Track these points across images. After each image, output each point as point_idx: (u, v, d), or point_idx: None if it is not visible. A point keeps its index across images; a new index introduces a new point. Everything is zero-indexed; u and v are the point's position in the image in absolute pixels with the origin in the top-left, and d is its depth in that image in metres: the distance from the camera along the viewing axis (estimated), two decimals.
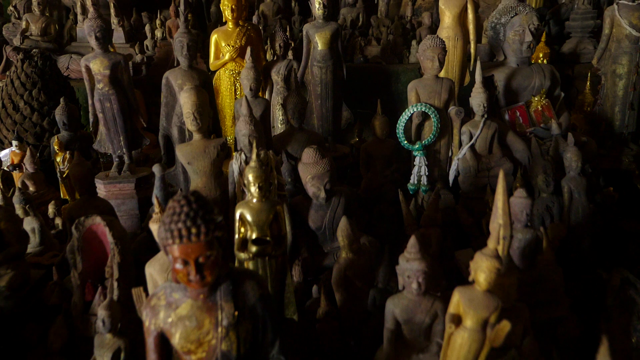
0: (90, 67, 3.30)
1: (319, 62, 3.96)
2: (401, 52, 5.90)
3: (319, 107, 4.08)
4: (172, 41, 3.05)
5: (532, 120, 3.58)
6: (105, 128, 3.41)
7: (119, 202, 3.40)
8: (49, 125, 4.52)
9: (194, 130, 2.87)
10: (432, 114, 3.26)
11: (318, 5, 3.88)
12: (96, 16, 3.23)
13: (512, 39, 3.57)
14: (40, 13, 5.45)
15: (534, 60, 4.30)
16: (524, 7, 3.55)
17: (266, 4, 6.91)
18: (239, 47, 4.41)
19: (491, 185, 3.24)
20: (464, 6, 3.86)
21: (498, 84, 3.64)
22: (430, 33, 6.11)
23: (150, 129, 4.46)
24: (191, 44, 3.01)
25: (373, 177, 3.75)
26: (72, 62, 5.28)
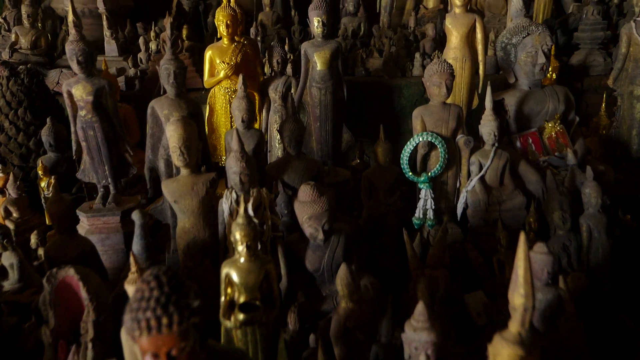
0: (72, 92, 3.04)
1: (317, 83, 3.69)
2: (404, 65, 5.62)
3: (318, 129, 3.81)
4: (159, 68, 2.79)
5: (545, 148, 3.32)
6: (88, 157, 3.15)
7: (104, 236, 3.14)
8: (35, 146, 4.26)
9: (180, 166, 2.62)
10: (439, 144, 3.00)
11: (317, 24, 3.61)
12: (78, 39, 2.97)
13: (523, 60, 3.30)
14: (30, 26, 5.19)
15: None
16: (537, 27, 3.28)
17: (265, 13, 6.63)
18: (234, 65, 4.14)
19: (503, 220, 2.98)
20: (472, 25, 3.58)
21: (509, 108, 3.37)
22: (434, 45, 5.85)
23: (143, 146, 4.22)
24: (178, 72, 2.74)
25: (375, 206, 3.49)
26: (62, 76, 5.01)
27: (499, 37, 3.53)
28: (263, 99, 4.48)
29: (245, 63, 4.25)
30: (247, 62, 4.26)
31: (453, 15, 3.63)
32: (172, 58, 2.75)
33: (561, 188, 3.03)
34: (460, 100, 3.65)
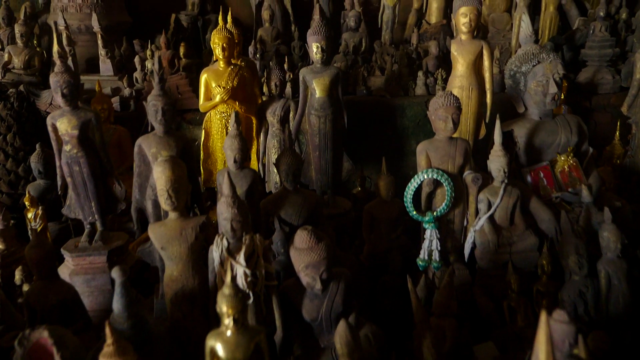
0: (56, 126, 2.84)
1: (317, 111, 3.48)
2: (407, 84, 5.41)
3: (317, 159, 3.60)
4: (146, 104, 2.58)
5: (558, 183, 3.10)
6: (74, 193, 2.95)
7: (89, 277, 2.94)
8: (24, 172, 4.06)
9: (168, 210, 2.41)
10: (445, 182, 2.78)
11: (316, 50, 3.40)
12: (63, 70, 2.76)
13: (534, 89, 3.08)
14: (23, 45, 5.00)
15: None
16: (548, 55, 3.06)
17: (265, 29, 6.44)
18: (230, 89, 3.94)
19: (513, 263, 2.76)
20: (479, 53, 3.36)
21: (518, 140, 3.16)
22: (437, 63, 5.63)
23: None
24: (167, 108, 2.54)
25: (377, 242, 3.27)
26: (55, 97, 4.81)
27: (507, 64, 3.31)
28: (260, 122, 4.28)
29: (242, 87, 4.05)
30: (243, 85, 4.06)
31: (459, 41, 3.41)
32: (160, 94, 2.55)
33: (576, 227, 2.81)
34: (467, 131, 3.44)
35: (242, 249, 2.32)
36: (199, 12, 6.68)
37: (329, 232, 3.10)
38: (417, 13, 6.98)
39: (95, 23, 4.98)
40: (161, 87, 2.55)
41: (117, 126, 4.64)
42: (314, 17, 3.41)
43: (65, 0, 5.89)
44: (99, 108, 4.48)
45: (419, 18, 7.00)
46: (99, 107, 4.48)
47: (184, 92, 5.01)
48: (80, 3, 5.88)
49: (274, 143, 4.20)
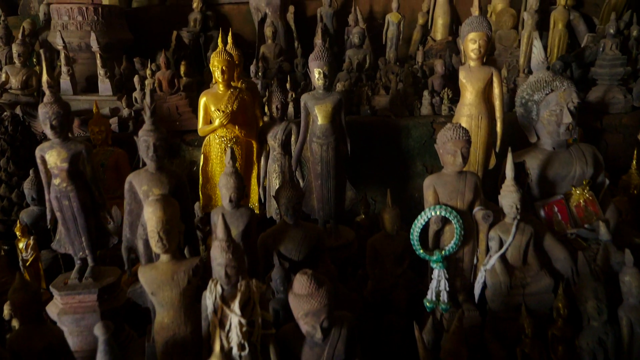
0: (45, 159, 2.70)
1: (318, 138, 3.33)
2: (412, 103, 5.25)
3: (319, 187, 3.44)
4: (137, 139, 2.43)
5: (573, 218, 2.92)
6: (64, 228, 2.80)
7: (79, 316, 2.78)
8: (17, 198, 3.93)
9: (159, 252, 2.26)
10: (454, 219, 2.61)
11: (318, 75, 3.25)
12: (52, 100, 2.63)
13: (547, 119, 2.91)
14: (21, 65, 4.88)
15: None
16: (561, 83, 2.89)
17: (267, 46, 6.31)
18: (230, 113, 3.80)
19: (527, 305, 2.58)
20: (489, 80, 3.20)
21: (530, 172, 2.99)
22: (443, 82, 5.48)
23: None
24: (159, 144, 2.38)
25: (382, 277, 3.11)
26: None
27: (517, 93, 3.14)
28: (261, 146, 4.14)
29: (242, 110, 3.91)
30: (243, 109, 3.92)
31: (467, 68, 3.25)
32: (152, 129, 2.40)
33: (593, 266, 2.63)
34: (476, 161, 3.27)
35: (237, 297, 2.16)
36: (201, 28, 6.56)
37: (330, 268, 2.94)
38: (422, 29, 6.85)
39: (94, 43, 4.86)
40: (153, 121, 2.40)
41: (115, 148, 4.50)
42: (316, 41, 3.26)
43: (65, 18, 5.79)
44: (96, 130, 4.35)
45: (423, 34, 6.87)
46: (96, 129, 4.35)
47: (183, 112, 4.87)
48: (81, 21, 5.78)
49: (275, 167, 4.05)
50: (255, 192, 4.20)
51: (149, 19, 6.73)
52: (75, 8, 5.76)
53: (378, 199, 5.10)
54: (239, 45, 6.78)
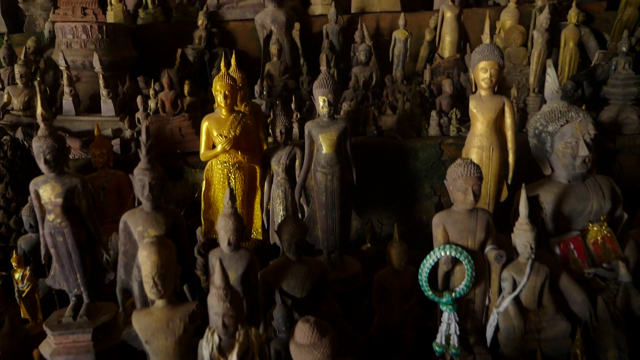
0: (39, 193, 2.60)
1: (323, 168, 3.21)
2: (419, 124, 5.12)
3: (323, 218, 3.31)
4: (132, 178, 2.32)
5: (590, 255, 2.77)
6: (58, 264, 2.69)
7: (72, 357, 2.66)
8: (16, 224, 3.83)
9: (154, 298, 2.14)
10: (465, 260, 2.47)
11: (322, 103, 3.14)
12: (47, 134, 2.53)
13: (562, 151, 2.78)
14: (23, 86, 4.81)
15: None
16: (577, 113, 2.75)
17: (272, 63, 6.21)
18: (232, 138, 3.69)
19: (542, 351, 2.43)
20: (501, 110, 3.06)
21: (545, 206, 2.84)
22: (451, 102, 5.34)
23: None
24: (155, 183, 2.27)
25: (388, 314, 2.96)
26: None
27: (530, 122, 3.00)
28: (265, 171, 4.03)
29: (245, 135, 3.80)
30: (246, 134, 3.81)
31: (478, 98, 3.11)
32: (147, 167, 2.28)
33: (613, 309, 2.48)
34: (487, 194, 3.12)
35: (235, 347, 2.03)
36: (206, 45, 6.49)
37: (334, 308, 2.81)
38: (430, 46, 6.74)
39: (96, 63, 4.78)
40: (149, 159, 2.29)
41: (116, 171, 4.41)
42: (320, 68, 3.14)
43: (69, 36, 5.74)
44: (97, 153, 4.27)
45: (431, 51, 6.76)
46: (97, 152, 4.27)
47: (186, 134, 4.77)
48: (85, 39, 5.72)
49: (278, 193, 3.94)
50: (258, 217, 4.08)
51: (154, 36, 6.67)
52: (79, 26, 5.70)
53: (384, 222, 4.97)
54: (244, 63, 6.76)
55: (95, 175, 4.33)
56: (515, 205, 2.83)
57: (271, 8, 6.34)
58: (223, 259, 2.13)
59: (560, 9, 7.00)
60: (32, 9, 6.77)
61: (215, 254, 2.45)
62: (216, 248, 2.47)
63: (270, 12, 6.33)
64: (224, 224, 2.35)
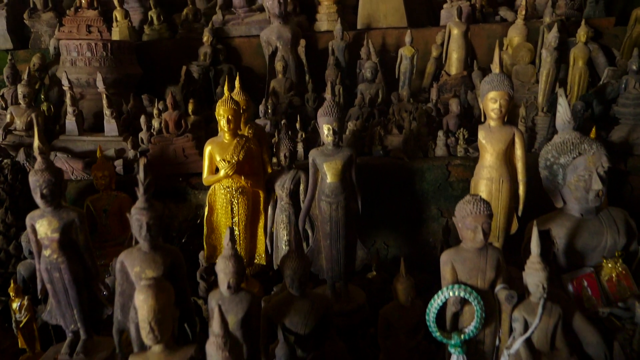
0: (35, 228, 2.52)
1: (327, 197, 3.12)
2: (426, 144, 5.03)
3: (328, 247, 3.22)
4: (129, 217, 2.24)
5: (604, 293, 2.66)
6: (54, 300, 2.62)
7: None
8: (15, 250, 3.77)
9: (150, 344, 2.05)
10: (474, 301, 2.37)
11: (327, 132, 3.06)
12: (43, 168, 2.46)
13: (574, 184, 2.67)
14: (26, 106, 4.77)
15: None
16: (590, 145, 2.65)
17: (278, 80, 6.15)
18: (235, 163, 3.61)
19: None
20: (511, 141, 2.96)
21: (557, 241, 2.74)
22: (458, 121, 5.25)
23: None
24: (152, 223, 2.19)
25: (394, 351, 2.85)
26: (56, 160, 4.55)
27: (542, 154, 2.90)
28: (269, 195, 3.94)
29: (249, 159, 3.73)
30: (250, 158, 3.74)
31: (487, 128, 3.01)
32: (145, 207, 2.20)
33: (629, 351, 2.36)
34: (497, 227, 3.02)
35: None
36: (211, 62, 6.44)
37: (338, 347, 2.71)
38: (436, 62, 6.66)
39: (100, 83, 4.74)
40: (146, 198, 2.21)
41: (119, 193, 4.35)
42: (325, 96, 3.07)
43: (74, 54, 5.71)
44: (100, 175, 4.22)
45: (437, 67, 6.68)
46: (99, 174, 4.22)
47: (190, 154, 4.71)
48: (90, 57, 5.69)
49: (282, 218, 3.85)
50: (261, 242, 4.00)
51: (159, 53, 6.63)
52: (84, 44, 5.67)
53: (390, 244, 4.88)
54: (249, 79, 6.71)
55: (97, 197, 4.28)
56: (526, 239, 2.73)
57: (277, 24, 6.29)
58: (222, 303, 2.05)
59: (568, 24, 6.91)
60: (37, 26, 6.76)
61: (214, 296, 2.36)
62: (215, 289, 2.38)
63: (276, 28, 6.28)
64: (224, 266, 2.26)
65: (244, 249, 3.91)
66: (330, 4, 6.80)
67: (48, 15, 6.73)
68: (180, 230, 4.22)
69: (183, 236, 4.05)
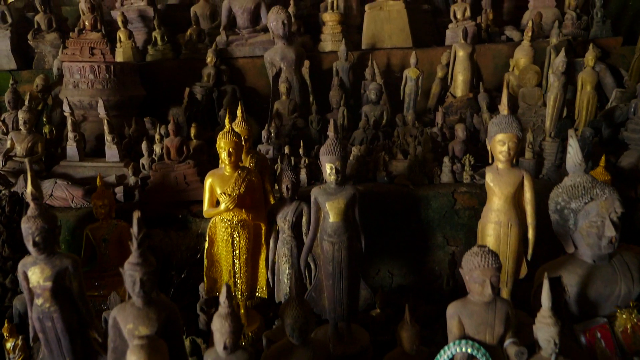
0: (27, 276, 2.44)
1: (330, 237, 3.02)
2: (431, 170, 4.92)
3: (330, 288, 3.11)
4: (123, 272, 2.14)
5: (619, 345, 2.54)
6: (46, 349, 2.52)
7: None
8: (12, 284, 3.68)
9: None
10: (482, 358, 2.26)
11: (329, 170, 2.96)
12: (37, 214, 2.37)
13: (586, 231, 2.56)
14: (27, 132, 4.71)
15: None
16: (602, 190, 2.54)
17: (281, 102, 6.07)
18: (236, 196, 3.52)
19: None
20: (520, 184, 2.85)
21: (568, 289, 2.62)
22: (464, 147, 5.13)
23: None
24: (146, 279, 2.09)
25: None
26: (56, 188, 4.48)
27: (552, 196, 2.78)
28: (270, 227, 3.85)
29: (250, 192, 3.63)
30: (251, 191, 3.64)
31: (495, 170, 2.90)
32: (139, 262, 2.10)
33: None
34: (505, 272, 2.91)
35: None
36: (215, 83, 6.38)
37: None
38: (441, 82, 6.58)
39: (101, 109, 4.67)
40: (140, 253, 2.11)
41: (119, 221, 4.26)
42: (328, 133, 2.98)
43: (77, 76, 5.67)
44: (100, 204, 4.13)
45: (443, 87, 6.59)
46: (99, 202, 4.13)
47: (191, 182, 4.63)
48: (92, 79, 5.65)
49: (284, 251, 3.75)
50: (263, 275, 3.90)
51: (162, 73, 6.58)
52: (87, 66, 5.63)
53: (395, 272, 4.77)
54: (253, 99, 6.65)
55: (97, 225, 4.20)
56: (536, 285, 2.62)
57: (281, 45, 6.22)
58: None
59: (575, 44, 6.82)
60: (41, 46, 6.73)
61: (210, 356, 2.26)
62: (211, 348, 2.28)
63: (280, 49, 6.21)
64: (220, 325, 2.15)
65: (245, 282, 3.81)
66: (334, 24, 6.74)
67: (52, 36, 6.70)
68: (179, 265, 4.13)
69: (183, 271, 3.96)
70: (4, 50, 6.64)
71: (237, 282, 3.80)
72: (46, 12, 6.75)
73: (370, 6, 6.80)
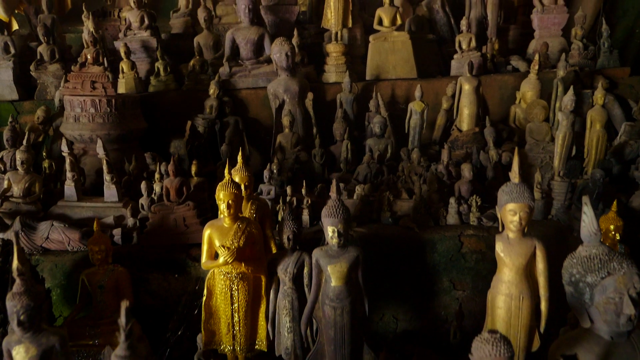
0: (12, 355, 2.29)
1: (332, 301, 2.87)
2: (437, 211, 4.77)
3: (332, 353, 2.96)
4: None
5: None
6: None
7: None
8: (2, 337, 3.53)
9: None
10: None
11: (332, 233, 2.82)
12: (22, 291, 2.24)
13: (603, 307, 2.38)
14: (24, 172, 4.60)
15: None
16: (620, 264, 2.36)
17: (284, 135, 5.95)
18: (235, 249, 3.38)
19: None
20: (532, 254, 2.69)
21: None
22: (471, 187, 4.96)
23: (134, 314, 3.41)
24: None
25: None
26: (53, 230, 4.36)
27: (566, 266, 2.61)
28: (271, 279, 3.71)
29: (250, 245, 3.49)
30: (251, 243, 3.50)
31: (506, 240, 2.75)
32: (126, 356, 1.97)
33: None
34: (517, 346, 2.74)
35: None
36: (217, 114, 6.27)
37: None
38: (447, 114, 6.44)
39: (100, 150, 4.56)
40: (128, 345, 1.97)
41: (116, 266, 4.11)
42: (330, 194, 2.84)
43: (77, 110, 5.57)
44: (96, 249, 3.98)
45: (448, 119, 6.45)
46: (95, 248, 3.98)
47: (191, 224, 4.49)
48: (93, 113, 5.54)
49: (285, 303, 3.60)
50: (263, 327, 3.75)
51: (164, 104, 6.48)
52: (88, 100, 5.53)
53: (400, 317, 4.61)
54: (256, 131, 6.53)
55: (93, 271, 4.05)
56: None
57: (284, 77, 6.13)
58: None
59: (582, 75, 6.68)
60: (43, 77, 6.66)
61: None
62: None
63: (283, 81, 6.12)
64: None
65: (244, 335, 3.67)
66: (338, 55, 6.64)
67: (54, 67, 6.63)
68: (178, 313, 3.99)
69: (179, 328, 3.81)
70: (6, 81, 6.57)
71: (236, 334, 3.66)
72: (49, 42, 6.68)
73: (375, 37, 6.70)
